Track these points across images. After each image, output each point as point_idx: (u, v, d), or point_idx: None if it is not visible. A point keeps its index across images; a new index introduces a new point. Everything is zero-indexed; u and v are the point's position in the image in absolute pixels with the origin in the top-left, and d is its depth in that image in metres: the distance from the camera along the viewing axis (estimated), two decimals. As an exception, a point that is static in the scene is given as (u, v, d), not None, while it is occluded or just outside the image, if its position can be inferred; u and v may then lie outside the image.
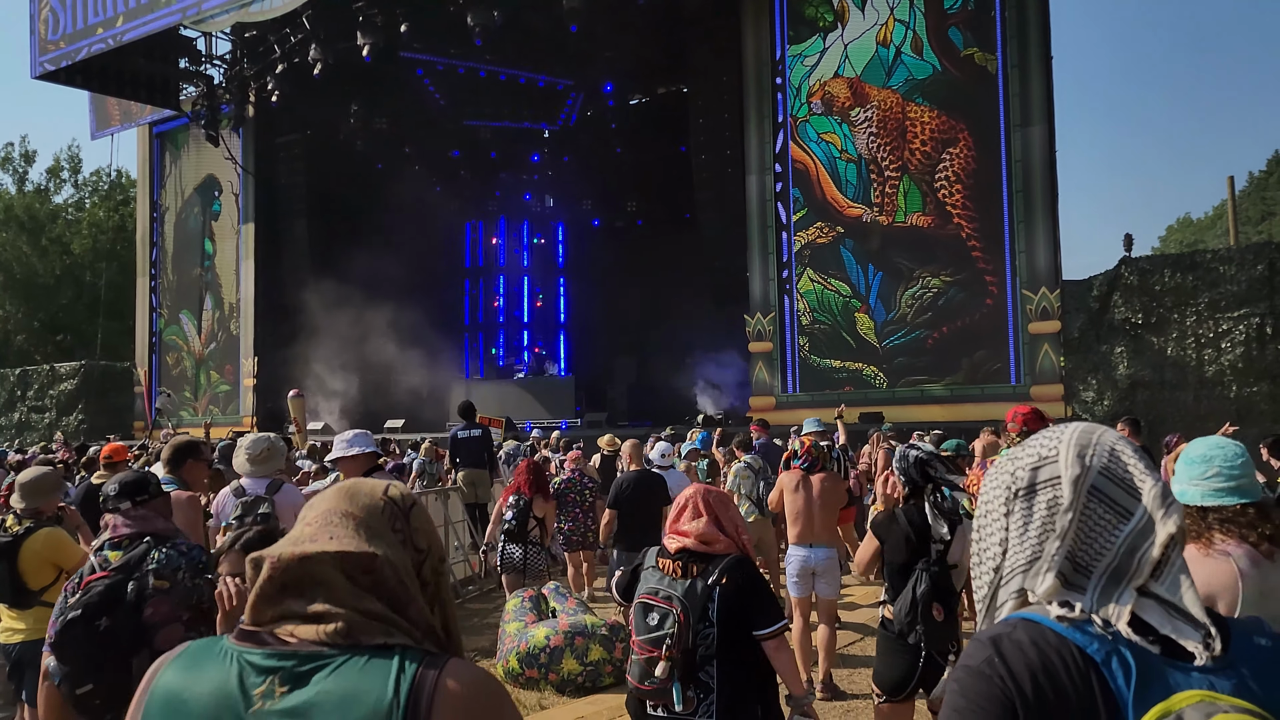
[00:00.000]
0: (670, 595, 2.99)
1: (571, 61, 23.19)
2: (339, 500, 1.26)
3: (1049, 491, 1.20)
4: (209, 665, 1.16)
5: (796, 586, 6.17)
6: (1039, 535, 1.20)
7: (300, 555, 1.17)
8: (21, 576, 3.94)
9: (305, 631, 1.15)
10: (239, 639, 1.17)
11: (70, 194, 43.00)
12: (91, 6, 19.46)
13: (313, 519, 1.25)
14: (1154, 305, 13.97)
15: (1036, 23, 14.56)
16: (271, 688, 1.11)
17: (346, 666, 1.12)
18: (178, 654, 1.21)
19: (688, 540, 3.06)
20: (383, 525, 1.25)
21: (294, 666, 1.12)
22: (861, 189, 15.67)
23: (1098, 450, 1.20)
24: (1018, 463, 1.25)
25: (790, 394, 16.06)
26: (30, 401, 25.53)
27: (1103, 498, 1.17)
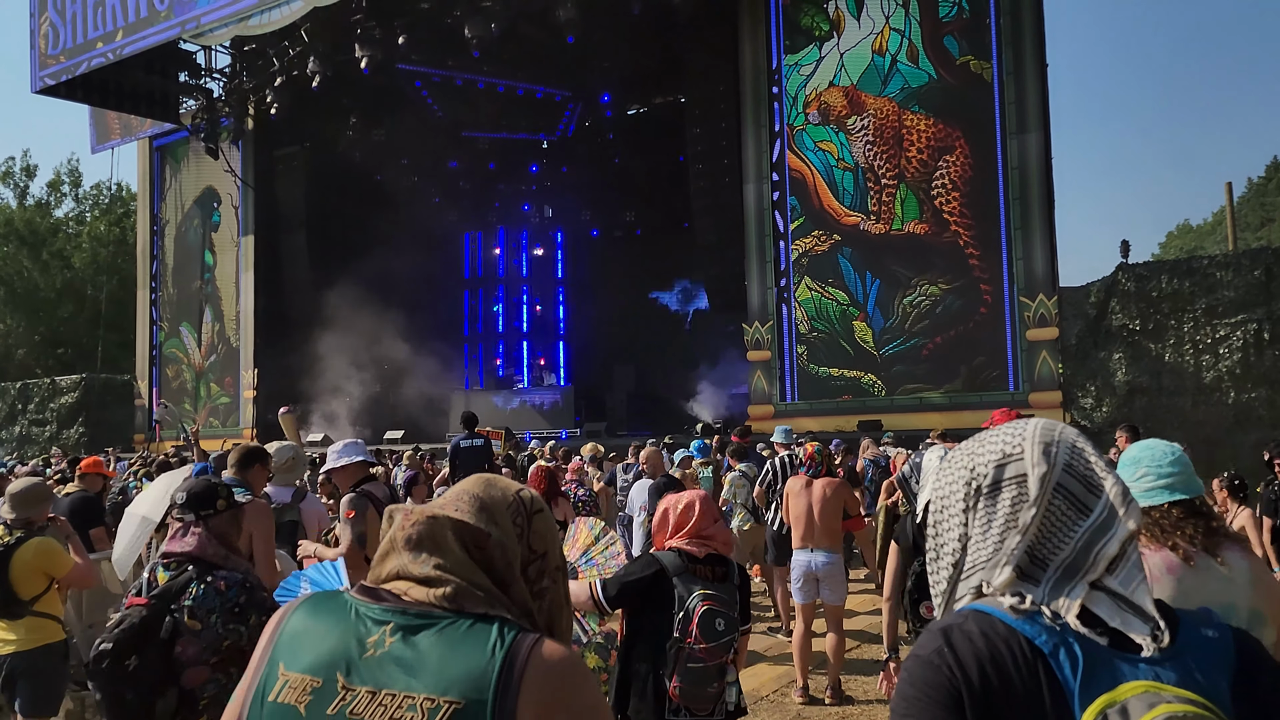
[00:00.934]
0: (724, 599, 3.09)
1: (569, 72, 23.28)
2: (474, 485, 1.41)
3: (1013, 489, 1.21)
4: (332, 613, 1.30)
5: (801, 592, 6.17)
6: (1001, 531, 1.21)
7: (429, 514, 1.33)
8: (13, 586, 3.95)
9: (418, 593, 1.28)
10: (360, 594, 1.32)
11: (71, 208, 43.11)
12: (91, 21, 19.55)
13: (448, 496, 1.40)
14: (1151, 311, 13.99)
15: (1031, 30, 14.62)
16: (383, 637, 1.25)
17: (451, 629, 1.25)
18: (303, 601, 1.36)
19: (714, 545, 3.15)
20: (505, 515, 1.37)
21: (405, 622, 1.26)
22: (859, 197, 15.71)
23: (1060, 447, 1.21)
24: (978, 458, 1.26)
25: (789, 402, 16.06)
26: (31, 415, 25.56)
27: (1065, 494, 1.19)
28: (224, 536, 2.99)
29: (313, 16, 17.01)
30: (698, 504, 3.21)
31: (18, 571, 3.93)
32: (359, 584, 1.33)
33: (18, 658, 3.89)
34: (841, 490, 6.27)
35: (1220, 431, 13.11)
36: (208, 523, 2.96)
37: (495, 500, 1.38)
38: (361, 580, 1.36)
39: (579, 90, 24.76)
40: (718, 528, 3.21)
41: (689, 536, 3.16)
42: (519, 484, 1.45)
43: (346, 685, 1.22)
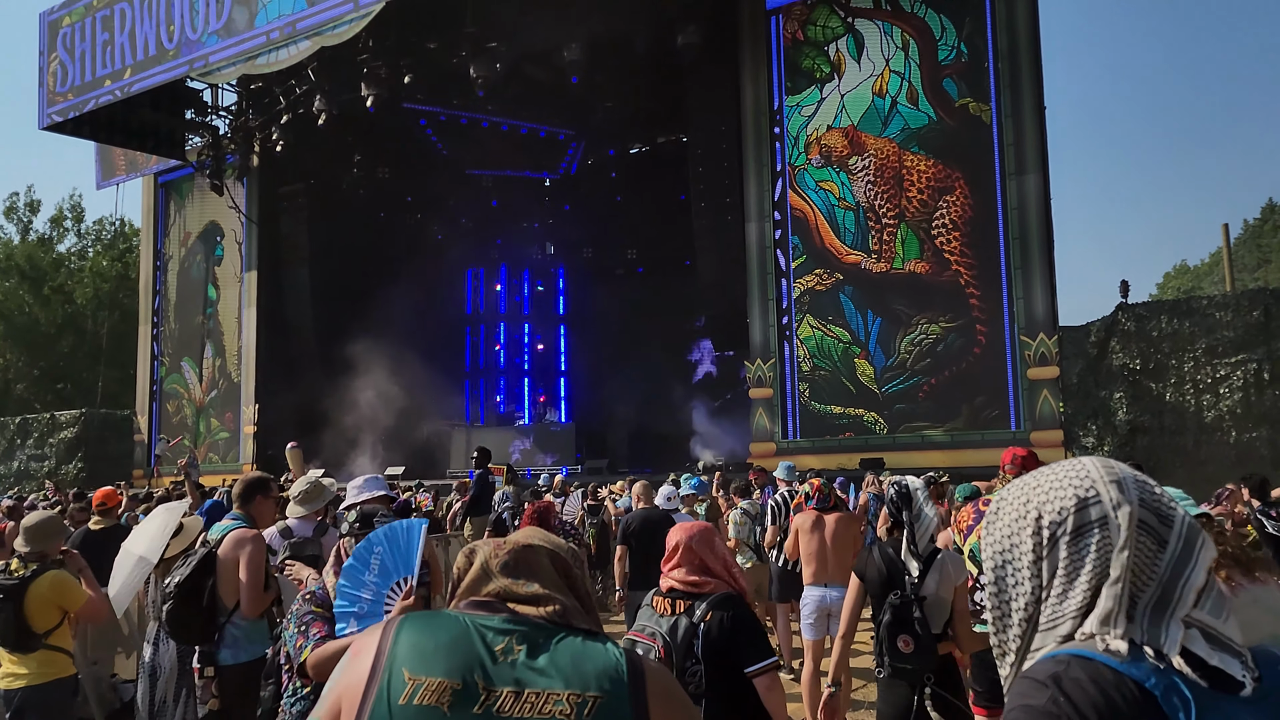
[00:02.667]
0: (655, 631, 3.00)
1: (572, 112, 23.53)
2: (536, 531, 1.60)
3: (1096, 533, 1.18)
4: (445, 626, 1.41)
5: (811, 628, 6.14)
6: (1090, 578, 1.17)
7: (523, 544, 1.51)
8: (27, 619, 3.94)
9: (527, 610, 1.43)
10: (470, 608, 1.45)
11: (73, 243, 43.31)
12: (100, 59, 19.78)
13: (519, 535, 1.58)
14: (1152, 351, 14.05)
15: (1029, 74, 14.81)
16: (510, 645, 1.37)
17: (568, 639, 1.40)
18: (403, 620, 1.43)
19: (672, 580, 3.09)
20: (568, 560, 1.57)
21: (528, 632, 1.40)
22: (860, 236, 15.82)
23: (1131, 482, 1.19)
24: (1045, 506, 1.22)
25: (791, 440, 16.06)
26: (29, 450, 25.49)
27: (1147, 529, 1.16)
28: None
29: (319, 55, 17.21)
30: (672, 540, 3.18)
31: (33, 604, 3.92)
32: (469, 600, 1.48)
33: (29, 692, 3.87)
34: (853, 524, 6.26)
35: (1222, 470, 13.11)
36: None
37: (556, 544, 1.57)
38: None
39: (582, 129, 25.01)
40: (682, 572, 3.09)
41: (663, 572, 3.18)
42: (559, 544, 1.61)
43: (487, 687, 1.33)
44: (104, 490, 6.75)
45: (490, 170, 25.93)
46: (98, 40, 19.88)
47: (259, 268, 22.81)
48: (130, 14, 19.28)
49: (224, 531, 4.11)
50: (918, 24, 15.54)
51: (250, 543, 4.04)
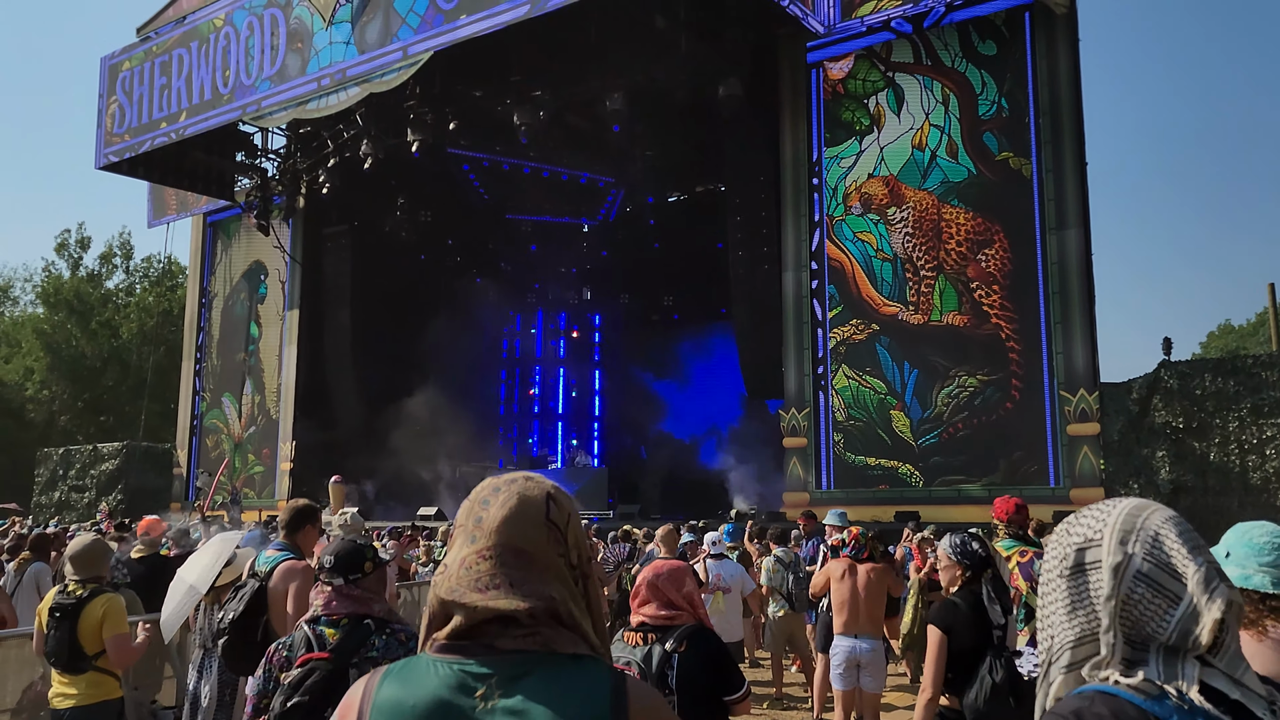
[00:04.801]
0: (630, 660, 3.11)
1: (612, 159, 23.84)
2: (508, 532, 1.35)
3: (1094, 574, 1.22)
4: (421, 677, 1.29)
5: (841, 679, 6.08)
6: (1086, 616, 1.22)
7: (494, 609, 1.29)
8: (79, 640, 4.01)
9: (506, 643, 1.29)
10: (441, 652, 1.30)
11: (121, 279, 44.32)
12: (157, 102, 20.38)
13: (485, 550, 1.34)
14: (1195, 410, 13.84)
15: (1071, 129, 14.82)
16: (490, 690, 1.25)
17: (552, 670, 1.28)
18: (384, 672, 1.33)
19: (642, 614, 3.23)
20: (550, 555, 1.35)
21: (506, 672, 1.26)
22: (897, 287, 15.81)
23: (1141, 536, 1.21)
24: (1068, 537, 1.28)
25: (825, 490, 15.95)
26: (71, 480, 25.88)
27: (1149, 582, 1.19)
28: (378, 596, 3.05)
29: (367, 101, 17.63)
30: (643, 576, 3.31)
31: (86, 626, 4.00)
32: (438, 644, 1.32)
33: (77, 712, 3.93)
34: (886, 576, 6.21)
35: (1268, 534, 12.80)
36: (360, 584, 2.98)
37: (537, 544, 1.35)
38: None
39: (622, 177, 25.32)
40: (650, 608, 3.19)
41: (631, 608, 3.31)
42: (541, 496, 1.39)
43: None
44: (147, 520, 6.86)
45: (530, 215, 26.28)
46: (155, 84, 20.51)
47: (301, 307, 23.19)
48: (188, 59, 19.90)
49: (273, 563, 4.16)
50: (958, 79, 15.64)
51: (299, 575, 4.09)
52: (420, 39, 16.06)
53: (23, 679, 5.42)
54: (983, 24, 15.45)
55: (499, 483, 1.41)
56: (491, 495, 1.39)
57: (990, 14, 15.33)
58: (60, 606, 3.99)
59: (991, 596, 3.91)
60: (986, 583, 3.95)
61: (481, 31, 15.26)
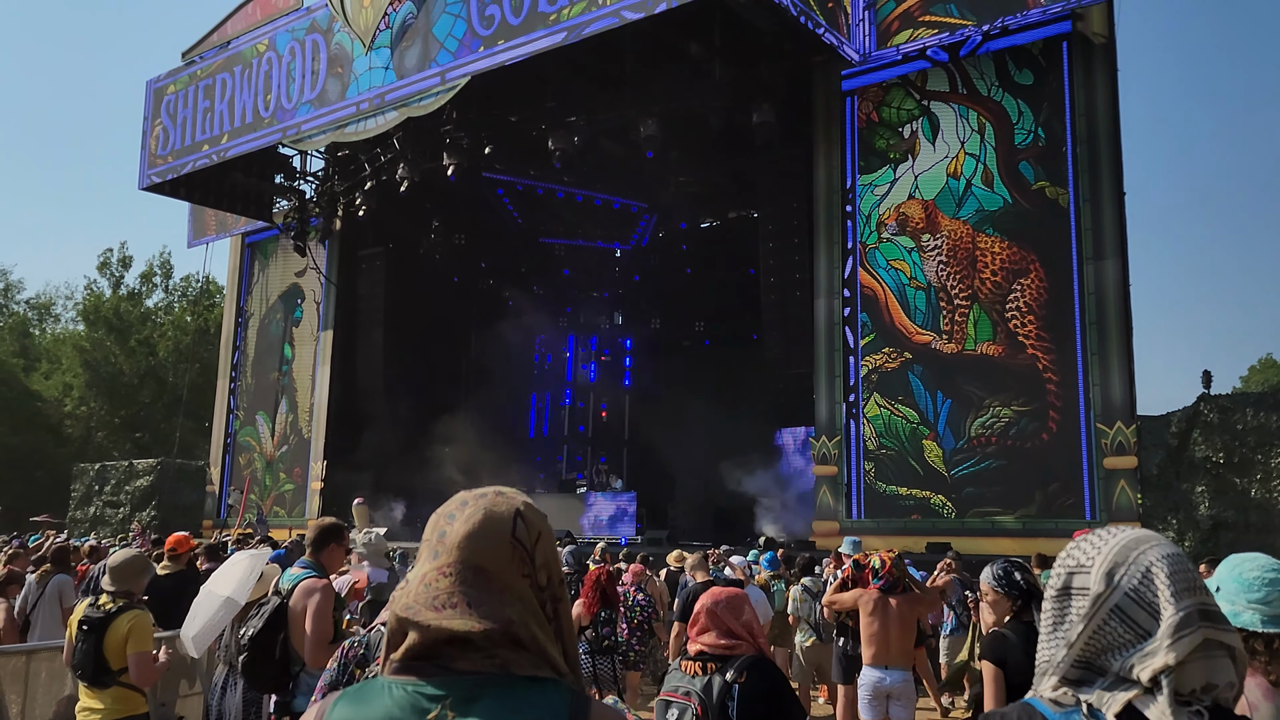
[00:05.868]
0: (689, 691, 3.06)
1: (646, 185, 23.94)
2: (470, 549, 1.30)
3: (1079, 600, 1.24)
4: (374, 699, 1.24)
5: (869, 708, 6.00)
6: (1064, 636, 1.25)
7: (448, 630, 1.24)
8: (105, 655, 4.03)
9: (464, 664, 1.24)
10: (397, 673, 1.25)
11: (160, 298, 45.05)
12: (200, 125, 20.78)
13: (445, 566, 1.29)
14: (1237, 445, 13.56)
15: (1108, 159, 14.67)
16: (443, 712, 1.20)
17: (507, 693, 1.22)
18: (337, 697, 1.29)
19: (701, 642, 3.17)
20: (513, 575, 1.30)
21: (460, 693, 1.21)
22: (930, 316, 15.69)
23: (1130, 571, 1.22)
24: (1065, 561, 1.31)
25: (855, 519, 15.78)
26: (106, 496, 26.19)
27: (1124, 618, 1.20)
28: None
29: (405, 125, 17.86)
30: (698, 605, 3.25)
31: (111, 641, 4.02)
32: (393, 665, 1.27)
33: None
34: (917, 607, 6.11)
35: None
36: None
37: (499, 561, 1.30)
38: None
39: (655, 202, 25.41)
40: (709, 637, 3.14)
41: (689, 636, 3.25)
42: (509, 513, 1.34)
43: None
44: (176, 536, 6.90)
45: (563, 239, 26.42)
46: (199, 107, 20.92)
47: (335, 328, 23.42)
48: (231, 83, 20.28)
49: (294, 581, 4.17)
50: (994, 108, 15.57)
51: (319, 593, 4.09)
52: (458, 64, 16.26)
53: (54, 692, 5.46)
54: (1019, 53, 15.38)
55: (468, 496, 1.37)
56: (458, 509, 1.35)
57: (1027, 43, 15.26)
58: (88, 620, 4.02)
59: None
60: (1038, 613, 3.80)
61: (518, 58, 15.43)
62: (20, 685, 5.17)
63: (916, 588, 6.37)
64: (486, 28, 15.82)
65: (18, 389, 40.60)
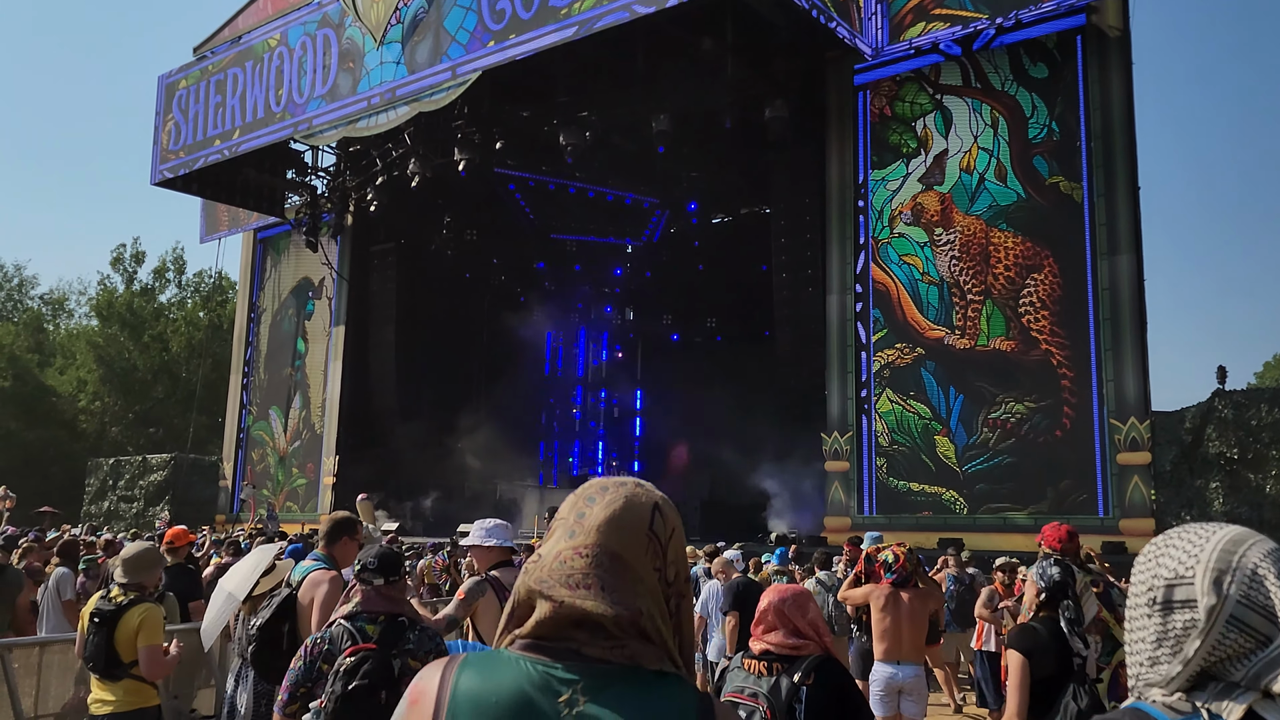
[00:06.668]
0: (756, 693, 2.99)
1: (657, 181, 23.92)
2: (609, 534, 1.30)
3: (1185, 613, 1.17)
4: (503, 672, 1.25)
5: (881, 704, 5.98)
6: (1170, 652, 1.18)
7: (581, 609, 1.25)
8: (116, 648, 4.04)
9: (593, 650, 1.25)
10: (527, 650, 1.26)
11: (173, 294, 45.25)
12: (212, 120, 20.83)
13: (582, 547, 1.30)
14: (1251, 441, 13.48)
15: (1123, 153, 14.56)
16: (575, 696, 1.21)
17: (636, 684, 1.24)
18: (460, 662, 1.29)
19: (767, 641, 3.09)
20: (646, 567, 1.30)
21: (591, 681, 1.23)
22: (943, 312, 15.61)
23: (1237, 576, 1.16)
24: (1159, 567, 1.23)
25: (867, 515, 15.73)
26: (120, 491, 26.33)
27: (1241, 626, 1.14)
28: (405, 599, 3.32)
29: (416, 120, 17.87)
30: (763, 603, 3.20)
31: (122, 634, 4.03)
32: (523, 641, 1.28)
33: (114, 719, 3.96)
34: (930, 602, 6.08)
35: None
36: (395, 586, 3.23)
37: (636, 555, 1.31)
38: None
39: (667, 198, 25.39)
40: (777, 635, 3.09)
41: (752, 634, 3.19)
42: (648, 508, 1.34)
43: None
44: (174, 530, 6.92)
45: (574, 235, 26.41)
46: (210, 102, 20.97)
47: (347, 323, 23.47)
48: (243, 78, 20.32)
49: (305, 573, 4.17)
50: (1008, 102, 15.48)
51: (326, 584, 4.10)
52: (469, 59, 16.25)
53: (66, 684, 5.49)
54: (1034, 46, 15.28)
55: (607, 483, 1.37)
56: (598, 494, 1.35)
57: (1041, 36, 15.16)
58: (100, 612, 4.03)
59: (1073, 625, 3.84)
60: (1065, 611, 3.87)
61: (529, 52, 15.41)
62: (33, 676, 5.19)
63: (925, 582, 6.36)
64: (497, 22, 15.80)
65: (32, 384, 40.84)
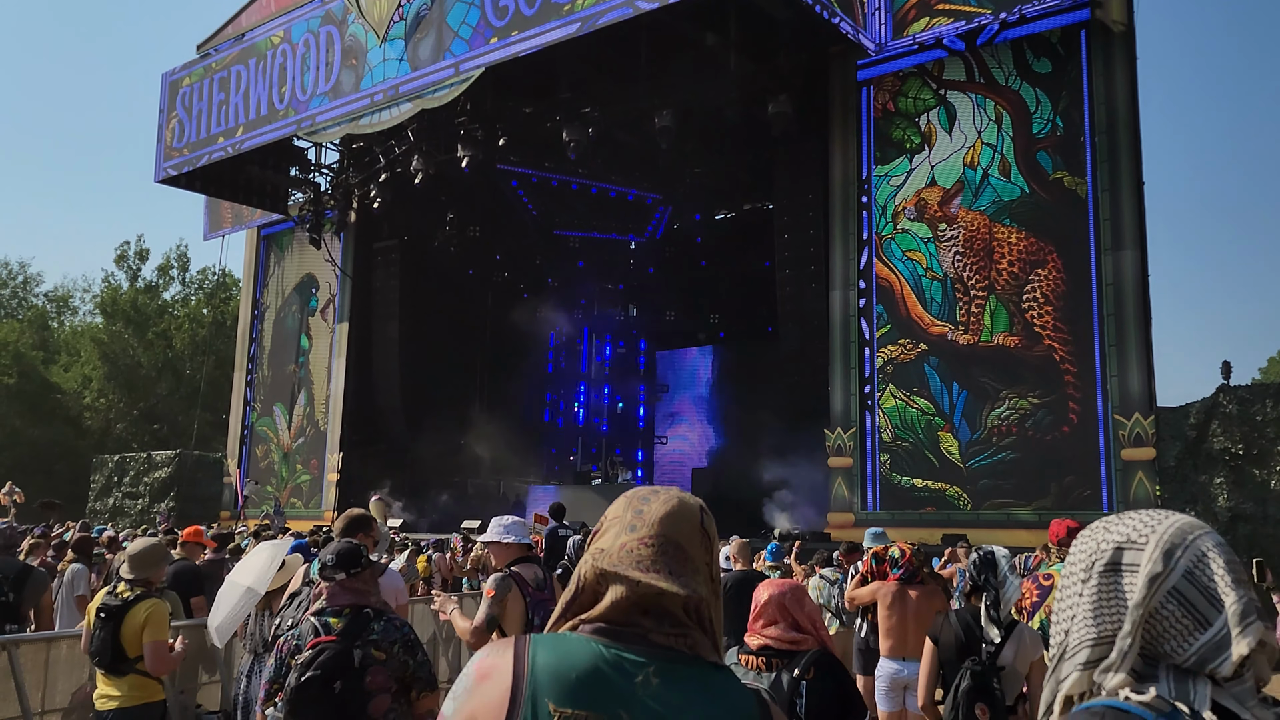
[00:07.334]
0: (758, 689, 2.97)
1: (661, 177, 23.90)
2: (670, 526, 1.40)
3: (1130, 576, 1.19)
4: (578, 651, 1.31)
5: (886, 699, 6.00)
6: (1112, 615, 1.19)
7: (658, 589, 1.33)
8: (122, 643, 4.06)
9: (659, 637, 1.32)
10: (596, 634, 1.33)
11: (177, 291, 45.31)
12: (215, 117, 20.84)
13: (649, 538, 1.38)
14: (1256, 436, 13.45)
15: (1127, 148, 14.54)
16: (648, 677, 1.28)
17: (701, 673, 1.32)
18: (531, 640, 1.34)
19: (765, 637, 3.08)
20: (701, 560, 1.40)
21: (660, 665, 1.30)
22: (946, 307, 15.60)
23: (1187, 553, 1.18)
24: (1107, 535, 1.25)
25: (870, 511, 15.74)
26: (125, 487, 26.39)
27: (1181, 600, 1.16)
28: (371, 590, 3.35)
29: (419, 117, 17.86)
30: (761, 597, 3.18)
31: (128, 629, 4.04)
32: (591, 625, 1.34)
33: (118, 715, 3.97)
34: (937, 598, 6.08)
35: (1333, 566, 12.40)
36: (358, 578, 3.27)
37: (693, 546, 1.40)
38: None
39: (670, 194, 25.37)
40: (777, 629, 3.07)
41: (749, 629, 3.18)
42: (697, 505, 1.44)
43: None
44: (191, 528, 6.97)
45: (578, 232, 26.40)
46: (214, 100, 20.98)
47: (350, 320, 23.49)
48: (246, 75, 20.33)
49: None
50: (1012, 97, 15.45)
51: None
52: (472, 55, 16.24)
53: (72, 679, 5.50)
54: (1037, 41, 15.25)
55: (655, 488, 1.47)
56: (651, 495, 1.45)
57: (1045, 31, 15.12)
58: (106, 607, 4.05)
59: (990, 614, 3.96)
60: (986, 599, 4.00)
61: (532, 48, 15.40)
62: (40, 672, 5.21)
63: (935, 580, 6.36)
64: (500, 18, 15.79)
65: (37, 381, 40.92)
